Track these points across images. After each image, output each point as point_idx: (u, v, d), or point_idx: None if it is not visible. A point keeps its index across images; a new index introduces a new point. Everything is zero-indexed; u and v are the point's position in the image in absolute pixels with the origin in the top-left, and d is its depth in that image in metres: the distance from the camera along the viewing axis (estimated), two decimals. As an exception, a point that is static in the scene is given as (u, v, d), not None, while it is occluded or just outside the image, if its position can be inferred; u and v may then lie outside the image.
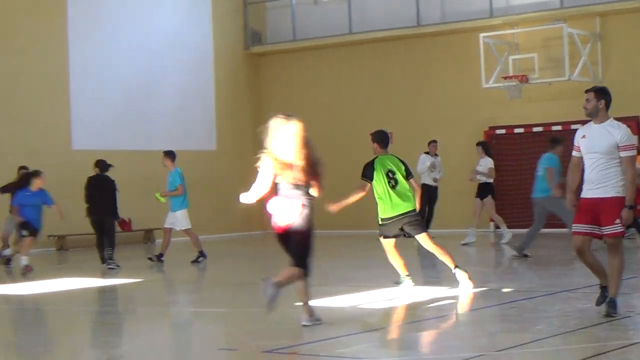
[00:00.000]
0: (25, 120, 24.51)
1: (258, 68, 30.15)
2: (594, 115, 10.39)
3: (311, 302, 10.59)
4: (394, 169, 13.43)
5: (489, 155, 21.86)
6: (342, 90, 28.58)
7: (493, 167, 21.58)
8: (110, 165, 19.31)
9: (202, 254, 19.46)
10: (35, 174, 19.14)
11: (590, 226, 10.29)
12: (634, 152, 10.34)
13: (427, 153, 23.53)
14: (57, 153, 24.50)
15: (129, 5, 27.03)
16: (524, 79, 24.62)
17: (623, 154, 10.19)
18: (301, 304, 10.54)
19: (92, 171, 19.41)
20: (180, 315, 12.95)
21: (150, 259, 19.52)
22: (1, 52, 24.26)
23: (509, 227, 22.18)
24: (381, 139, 13.75)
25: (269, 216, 10.40)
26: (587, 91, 10.51)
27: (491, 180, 21.67)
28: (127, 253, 22.00)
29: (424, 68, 27.42)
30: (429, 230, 14.04)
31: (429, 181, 23.22)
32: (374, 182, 13.35)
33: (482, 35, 25.05)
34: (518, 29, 25.58)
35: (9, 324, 12.67)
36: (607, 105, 10.41)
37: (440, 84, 27.23)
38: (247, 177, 29.91)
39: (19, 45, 24.58)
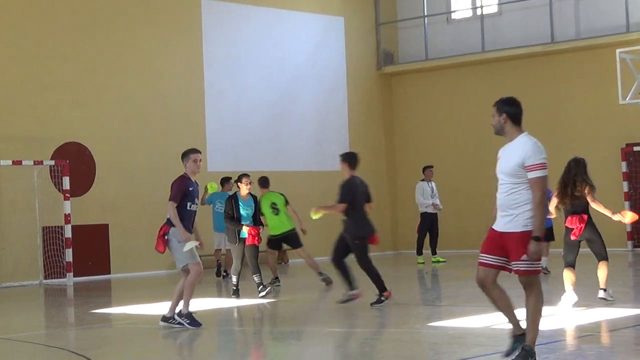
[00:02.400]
0: (161, 141, 25.02)
1: (390, 88, 30.21)
2: (500, 133, 9.15)
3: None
4: (276, 202, 18.45)
5: None
6: (475, 110, 28.35)
7: None
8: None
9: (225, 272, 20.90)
10: None
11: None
12: (543, 173, 8.96)
13: (423, 180, 23.36)
14: (193, 174, 24.82)
15: (264, 28, 27.39)
16: (662, 95, 24.10)
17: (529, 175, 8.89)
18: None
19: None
20: (316, 335, 12.99)
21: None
22: (136, 75, 24.85)
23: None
24: (263, 182, 18.77)
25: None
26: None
27: None
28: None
29: (558, 85, 27.08)
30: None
31: (429, 210, 23.21)
32: (263, 211, 18.15)
33: (618, 50, 24.58)
34: (656, 43, 25.08)
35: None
36: (513, 118, 9.22)
37: (575, 100, 26.84)
38: (381, 196, 29.92)
39: (154, 68, 25.15)
